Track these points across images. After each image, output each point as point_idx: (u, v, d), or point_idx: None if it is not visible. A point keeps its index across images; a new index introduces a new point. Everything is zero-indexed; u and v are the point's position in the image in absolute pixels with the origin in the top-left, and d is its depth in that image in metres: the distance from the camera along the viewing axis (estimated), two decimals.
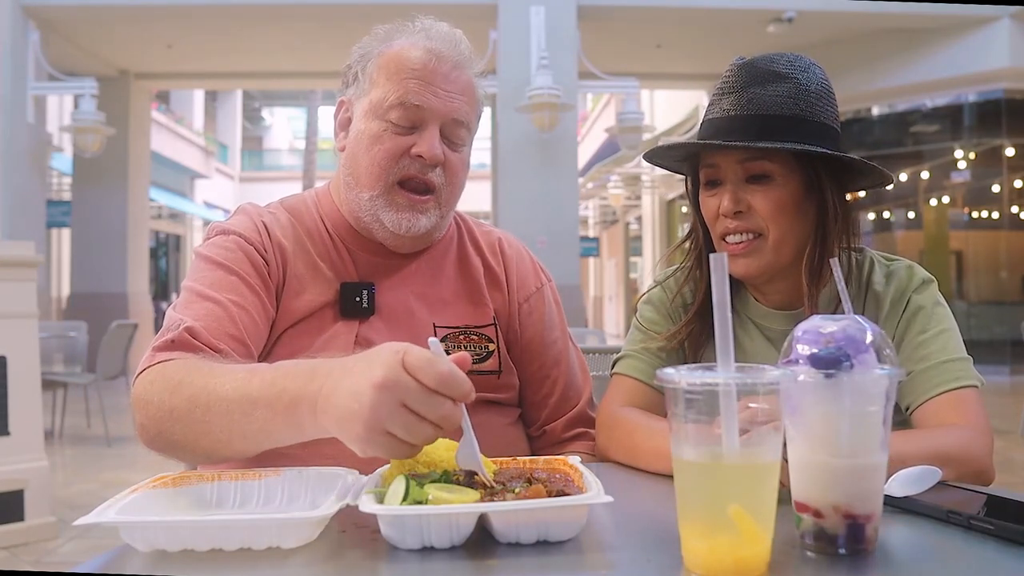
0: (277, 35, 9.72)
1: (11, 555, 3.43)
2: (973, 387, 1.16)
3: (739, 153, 1.20)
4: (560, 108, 8.17)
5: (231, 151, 26.94)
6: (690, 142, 1.23)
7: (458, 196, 1.31)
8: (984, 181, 11.31)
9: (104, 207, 10.82)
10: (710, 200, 1.25)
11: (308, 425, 0.88)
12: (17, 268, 3.70)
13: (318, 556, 0.77)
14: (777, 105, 1.19)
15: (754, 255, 1.22)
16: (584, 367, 1.46)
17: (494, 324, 1.33)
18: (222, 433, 0.95)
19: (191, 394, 0.98)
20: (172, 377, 1.01)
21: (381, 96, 1.23)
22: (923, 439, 1.07)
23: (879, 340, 0.76)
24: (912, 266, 1.28)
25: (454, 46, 1.26)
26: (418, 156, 1.22)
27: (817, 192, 1.22)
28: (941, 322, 1.21)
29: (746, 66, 1.23)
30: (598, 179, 17.48)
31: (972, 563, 0.77)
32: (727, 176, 1.22)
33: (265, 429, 0.92)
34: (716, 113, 1.23)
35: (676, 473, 0.73)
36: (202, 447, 0.99)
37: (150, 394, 1.02)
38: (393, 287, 1.30)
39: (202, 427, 0.96)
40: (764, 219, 1.21)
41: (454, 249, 1.38)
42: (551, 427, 1.37)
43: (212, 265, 1.20)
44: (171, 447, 1.02)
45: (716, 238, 1.26)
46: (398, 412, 0.78)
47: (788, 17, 8.93)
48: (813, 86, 1.21)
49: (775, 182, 1.20)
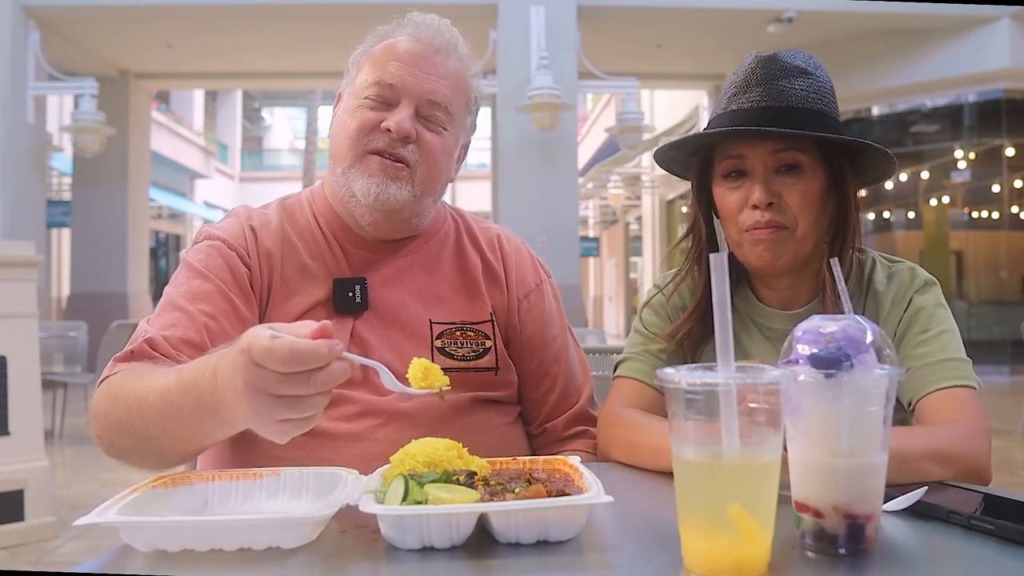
0: (277, 35, 9.72)
1: (11, 555, 3.42)
2: (972, 388, 1.16)
3: (771, 144, 1.20)
4: (560, 108, 8.17)
5: (231, 151, 26.95)
6: (734, 127, 1.20)
7: (437, 179, 1.29)
8: (984, 181, 11.30)
9: (104, 207, 10.82)
10: (732, 193, 1.23)
11: (229, 423, 0.90)
12: (17, 268, 3.70)
13: (318, 556, 0.77)
14: (804, 99, 1.20)
15: (780, 246, 1.21)
16: (584, 364, 1.45)
17: (491, 321, 1.32)
18: (161, 438, 0.98)
19: (127, 404, 1.01)
20: (114, 389, 1.05)
21: (363, 80, 1.26)
22: (923, 436, 1.07)
23: (879, 340, 0.76)
24: (914, 268, 1.28)
25: (437, 33, 1.28)
26: (387, 130, 1.22)
27: (839, 187, 1.22)
28: (942, 323, 1.22)
29: (770, 60, 1.22)
30: (598, 179, 17.48)
31: (972, 563, 0.77)
32: (755, 167, 1.21)
33: (195, 431, 0.95)
34: (742, 104, 1.21)
35: (676, 473, 0.73)
36: (150, 452, 1.02)
37: (99, 405, 1.05)
38: (387, 282, 1.29)
39: (141, 435, 0.99)
40: (794, 211, 1.20)
41: (451, 244, 1.37)
42: (551, 425, 1.37)
43: (191, 273, 1.22)
44: (125, 455, 1.05)
45: (737, 231, 1.24)
46: (275, 404, 0.80)
47: (788, 17, 8.93)
48: (828, 84, 1.23)
49: (805, 174, 1.20)
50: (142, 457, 1.04)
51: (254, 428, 0.86)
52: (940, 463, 1.00)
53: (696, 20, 9.33)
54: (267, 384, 0.79)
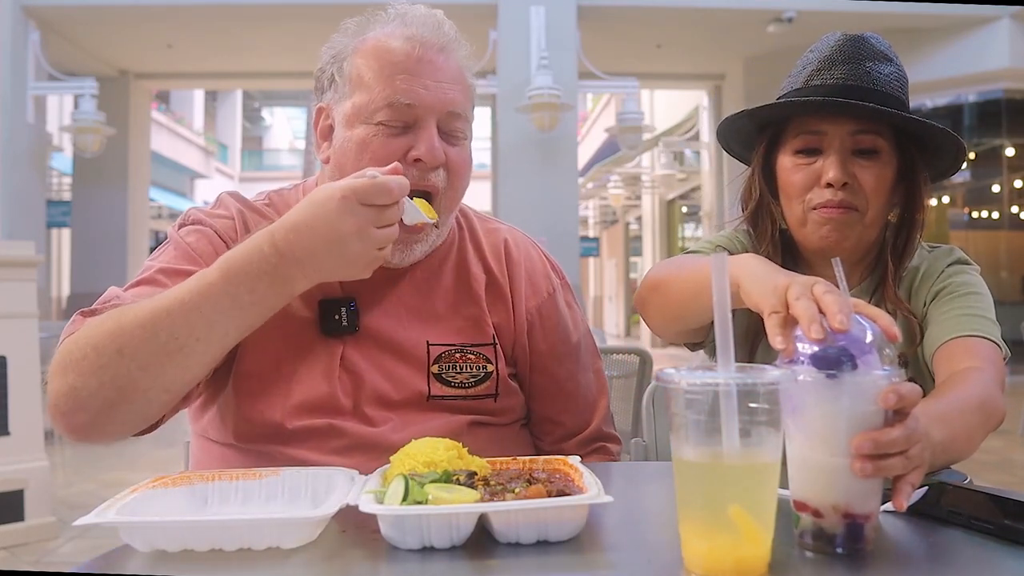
0: (277, 35, 9.71)
1: (11, 555, 3.42)
2: (993, 344, 1.14)
3: (853, 124, 1.18)
4: (560, 108, 8.17)
5: (231, 151, 26.95)
6: (828, 99, 1.18)
7: (460, 199, 1.21)
8: (984, 181, 11.30)
9: (104, 207, 10.82)
10: (805, 169, 1.21)
11: (291, 288, 1.00)
12: (17, 268, 3.70)
13: (318, 556, 0.77)
14: (889, 84, 1.20)
15: (847, 228, 1.20)
16: (602, 376, 1.34)
17: (493, 344, 1.22)
18: (195, 333, 0.96)
19: (142, 324, 0.95)
20: (108, 325, 0.97)
21: (366, 99, 1.12)
22: (952, 396, 1.04)
23: (879, 340, 0.76)
24: (954, 247, 1.31)
25: (436, 28, 1.15)
26: (416, 160, 1.11)
27: (910, 177, 1.22)
28: (973, 287, 1.22)
29: (857, 39, 1.22)
30: (598, 179, 17.48)
31: (972, 563, 0.77)
32: (832, 145, 1.19)
33: (247, 315, 0.99)
34: (826, 80, 1.20)
35: (676, 473, 0.73)
36: (167, 373, 0.97)
37: (80, 349, 0.96)
38: (381, 301, 1.19)
39: (167, 347, 0.95)
40: (867, 194, 1.19)
41: (454, 256, 1.26)
42: (567, 445, 1.28)
43: (177, 252, 1.14)
44: (111, 401, 0.96)
45: (803, 210, 1.22)
46: (378, 236, 0.98)
47: (788, 17, 8.93)
48: (906, 75, 1.23)
49: (881, 159, 1.20)
50: (140, 394, 0.97)
51: (335, 272, 1.00)
52: (976, 411, 1.00)
53: (696, 20, 9.33)
54: (375, 219, 0.96)
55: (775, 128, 1.27)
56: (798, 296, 0.80)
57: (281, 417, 1.12)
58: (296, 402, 1.13)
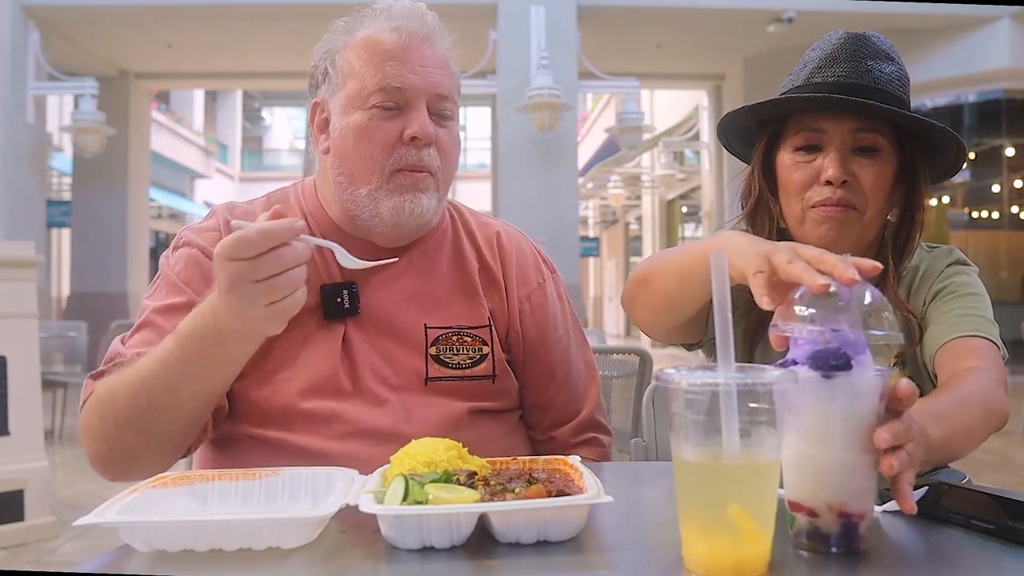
0: (277, 35, 9.72)
1: (11, 555, 3.42)
2: (992, 344, 1.14)
3: (853, 121, 1.18)
4: (560, 108, 8.18)
5: (231, 151, 26.95)
6: (830, 96, 1.18)
7: (451, 177, 1.25)
8: (984, 181, 11.30)
9: (104, 207, 10.83)
10: (804, 166, 1.21)
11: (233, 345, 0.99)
12: (17, 268, 3.70)
13: (318, 556, 0.77)
14: (890, 83, 1.19)
15: (846, 227, 1.20)
16: (592, 365, 1.38)
17: (489, 326, 1.26)
18: (169, 408, 1.03)
19: (125, 392, 1.03)
20: (104, 394, 1.07)
21: (359, 86, 1.18)
22: (952, 394, 1.04)
23: (879, 303, 0.76)
24: (954, 248, 1.31)
25: (420, 19, 1.21)
26: (412, 138, 1.16)
27: (910, 177, 1.22)
28: (972, 287, 1.22)
29: (859, 39, 1.21)
30: (598, 179, 17.48)
31: (972, 563, 0.77)
32: (832, 143, 1.19)
33: (206, 377, 1.02)
34: (827, 77, 1.20)
35: (676, 473, 0.73)
36: (155, 438, 1.06)
37: (91, 417, 1.08)
38: (381, 286, 1.23)
39: (146, 415, 1.03)
40: (866, 193, 1.19)
41: (448, 243, 1.30)
42: (558, 432, 1.31)
43: (168, 287, 1.19)
44: (126, 457, 1.07)
45: (802, 208, 1.22)
46: (258, 290, 0.90)
47: (788, 17, 8.93)
48: (907, 75, 1.22)
49: (881, 157, 1.20)
50: (146, 449, 1.06)
51: (251, 329, 0.95)
52: (975, 409, 1.00)
53: (696, 20, 9.33)
54: (245, 273, 0.89)
55: (775, 125, 1.27)
56: (789, 260, 0.79)
57: (288, 399, 1.16)
58: (302, 384, 1.17)
